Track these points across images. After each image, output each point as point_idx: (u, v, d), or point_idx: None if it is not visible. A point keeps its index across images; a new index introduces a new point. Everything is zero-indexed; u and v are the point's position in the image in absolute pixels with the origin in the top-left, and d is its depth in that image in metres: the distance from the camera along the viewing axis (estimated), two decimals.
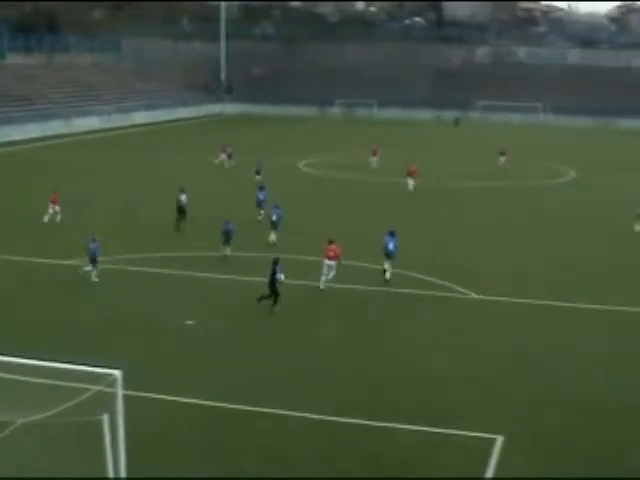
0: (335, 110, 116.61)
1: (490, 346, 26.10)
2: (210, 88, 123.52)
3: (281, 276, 28.45)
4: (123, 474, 15.48)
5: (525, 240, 41.13)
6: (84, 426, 16.49)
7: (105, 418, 15.94)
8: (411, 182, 53.09)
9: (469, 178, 59.78)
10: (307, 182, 57.82)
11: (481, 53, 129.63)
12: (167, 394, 21.48)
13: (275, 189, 46.48)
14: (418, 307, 29.97)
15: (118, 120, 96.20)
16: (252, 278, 31.73)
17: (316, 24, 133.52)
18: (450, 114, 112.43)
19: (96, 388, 15.24)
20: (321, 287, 31.26)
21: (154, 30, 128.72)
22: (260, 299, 28.72)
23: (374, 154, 63.89)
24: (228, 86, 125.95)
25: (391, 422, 20.39)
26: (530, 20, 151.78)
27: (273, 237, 38.28)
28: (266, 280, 28.71)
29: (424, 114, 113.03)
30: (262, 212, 42.57)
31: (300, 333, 27.02)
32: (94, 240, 31.93)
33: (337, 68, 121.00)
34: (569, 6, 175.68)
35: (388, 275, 32.17)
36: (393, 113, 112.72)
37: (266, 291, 28.64)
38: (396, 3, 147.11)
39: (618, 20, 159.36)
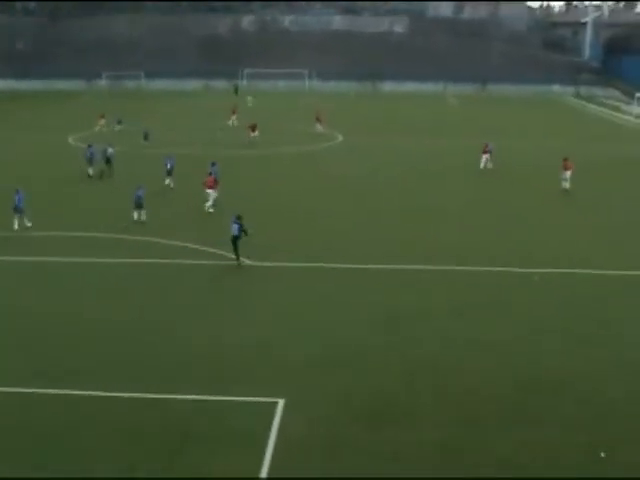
0: (102, 83, 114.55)
1: (266, 311, 26.69)
2: None
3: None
4: None
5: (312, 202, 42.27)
6: None
7: None
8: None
9: (243, 147, 60.42)
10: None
11: (247, 22, 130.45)
12: None
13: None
14: (193, 276, 30.28)
15: None
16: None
17: None
18: (219, 83, 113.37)
19: None
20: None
21: None
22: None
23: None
24: None
25: (169, 393, 20.42)
26: None
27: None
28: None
29: (193, 84, 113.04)
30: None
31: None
32: None
33: (103, 41, 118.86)
34: None
35: None
36: (162, 84, 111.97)
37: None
38: None
39: None
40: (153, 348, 23.30)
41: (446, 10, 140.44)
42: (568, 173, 45.56)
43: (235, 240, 30.16)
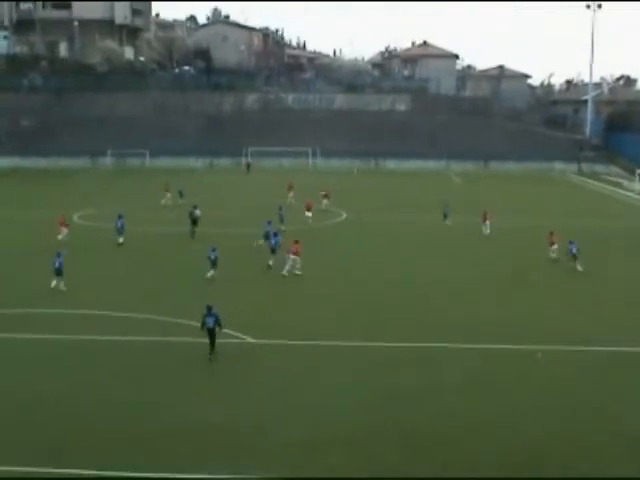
0: (107, 161, 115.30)
1: (261, 391, 26.55)
2: None
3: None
4: None
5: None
6: None
7: None
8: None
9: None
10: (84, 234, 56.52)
11: (250, 100, 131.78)
12: None
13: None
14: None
15: None
16: None
17: (85, 75, 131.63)
18: (223, 161, 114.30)
19: None
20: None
21: None
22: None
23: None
24: None
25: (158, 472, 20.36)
26: (297, 67, 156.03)
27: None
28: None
29: (197, 162, 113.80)
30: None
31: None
32: None
33: (108, 118, 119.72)
34: (335, 53, 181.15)
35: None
36: (166, 162, 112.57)
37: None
38: (164, 52, 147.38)
39: (381, 66, 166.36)
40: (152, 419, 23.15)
41: (448, 88, 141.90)
42: (555, 247, 48.01)
43: (211, 332, 28.87)
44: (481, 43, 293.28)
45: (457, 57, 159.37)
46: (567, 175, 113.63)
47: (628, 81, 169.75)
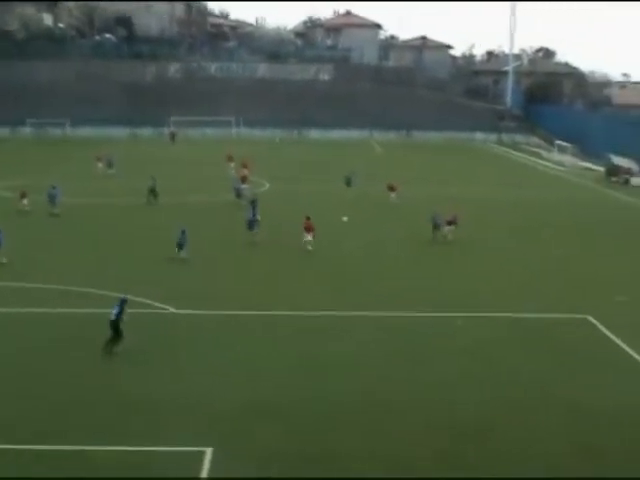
0: (26, 130, 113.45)
1: (195, 361, 26.86)
2: None
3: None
4: None
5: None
6: None
7: None
8: None
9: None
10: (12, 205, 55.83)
11: (173, 69, 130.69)
12: None
13: None
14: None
15: None
16: None
17: (3, 41, 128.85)
18: (146, 131, 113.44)
19: None
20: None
21: None
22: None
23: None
24: None
25: (96, 445, 20.50)
26: (220, 36, 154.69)
27: None
28: None
29: (119, 131, 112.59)
30: None
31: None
32: None
33: (27, 87, 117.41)
34: (257, 21, 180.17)
35: None
36: (87, 132, 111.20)
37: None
38: (84, 19, 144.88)
39: (304, 35, 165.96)
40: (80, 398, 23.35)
41: (371, 58, 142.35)
42: (452, 227, 46.39)
43: (114, 325, 26.64)
44: (404, 14, 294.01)
45: (380, 27, 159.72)
46: (488, 145, 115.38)
47: (547, 53, 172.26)
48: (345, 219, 44.30)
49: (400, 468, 19.90)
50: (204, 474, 19.07)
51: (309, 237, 42.73)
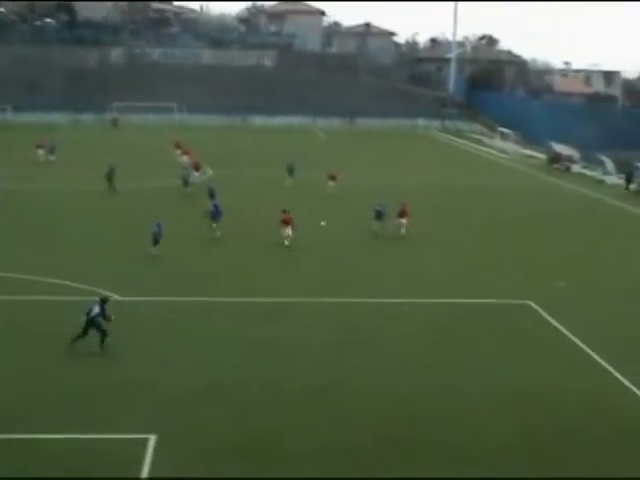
0: None
1: (136, 348, 26.82)
2: None
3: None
4: None
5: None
6: None
7: None
8: None
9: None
10: None
11: (116, 54, 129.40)
12: None
13: None
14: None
15: None
16: None
17: None
18: (88, 117, 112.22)
19: None
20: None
21: None
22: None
23: None
24: None
25: (39, 433, 20.48)
26: (163, 21, 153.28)
27: None
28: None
29: (60, 117, 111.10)
30: None
31: None
32: None
33: None
34: (201, 7, 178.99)
35: None
36: (29, 118, 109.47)
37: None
38: (25, 3, 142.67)
39: (247, 21, 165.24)
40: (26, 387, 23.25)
41: (314, 44, 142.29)
42: (403, 221, 45.13)
43: (93, 322, 25.97)
44: (348, 1, 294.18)
45: (323, 14, 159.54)
46: (431, 132, 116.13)
47: (490, 41, 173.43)
48: (323, 224, 43.86)
49: (343, 450, 20.19)
50: (147, 461, 19.14)
51: (287, 231, 41.52)
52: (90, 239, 42.46)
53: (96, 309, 26.09)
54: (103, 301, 26.57)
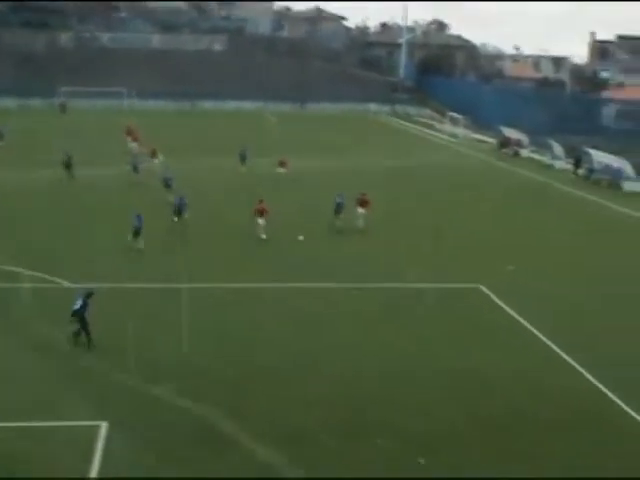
0: None
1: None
2: None
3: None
4: None
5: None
6: None
7: None
8: None
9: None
10: None
11: (64, 39, 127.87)
12: None
13: None
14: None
15: None
16: None
17: None
18: (35, 101, 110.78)
19: None
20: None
21: None
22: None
23: None
24: None
25: None
26: (112, 6, 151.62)
27: None
28: None
29: (8, 102, 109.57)
30: None
31: None
32: None
33: None
34: None
35: None
36: None
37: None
38: None
39: (198, 5, 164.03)
40: None
41: (265, 29, 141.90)
42: (362, 211, 44.06)
43: (78, 314, 25.53)
44: None
45: None
46: (381, 116, 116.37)
47: (440, 26, 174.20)
48: (301, 238, 43.11)
49: (289, 435, 20.37)
50: (98, 448, 19.14)
51: (261, 221, 40.76)
52: (39, 223, 42.05)
53: (79, 302, 25.54)
54: (87, 295, 25.87)
